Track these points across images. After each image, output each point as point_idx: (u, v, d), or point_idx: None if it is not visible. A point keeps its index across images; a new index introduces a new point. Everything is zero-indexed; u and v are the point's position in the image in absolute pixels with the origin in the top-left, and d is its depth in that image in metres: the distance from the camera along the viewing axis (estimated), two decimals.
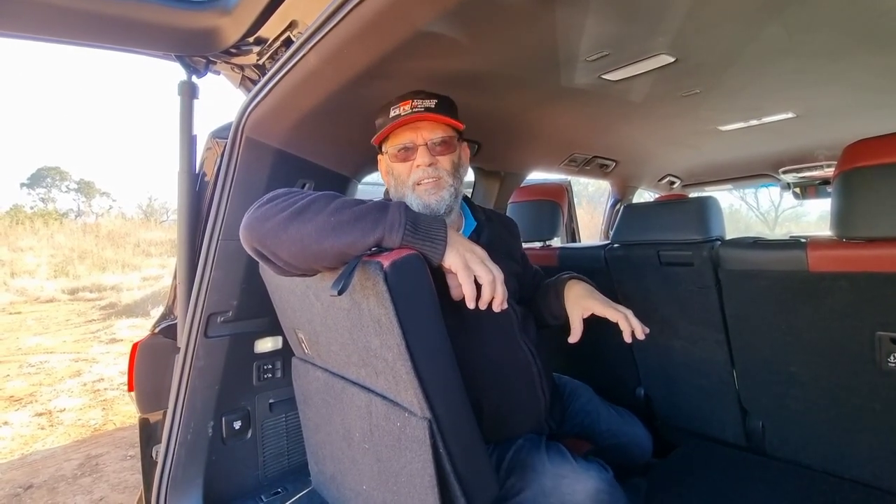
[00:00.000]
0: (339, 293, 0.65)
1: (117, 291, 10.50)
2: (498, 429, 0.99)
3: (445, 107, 0.99)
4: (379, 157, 1.08)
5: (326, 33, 0.71)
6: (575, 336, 1.04)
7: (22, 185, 24.16)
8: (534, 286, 1.25)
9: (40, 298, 10.54)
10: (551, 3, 0.78)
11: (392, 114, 0.97)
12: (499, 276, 0.78)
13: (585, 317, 1.05)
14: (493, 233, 1.13)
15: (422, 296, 0.73)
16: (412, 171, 0.98)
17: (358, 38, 0.72)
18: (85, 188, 25.02)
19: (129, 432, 3.59)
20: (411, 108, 0.95)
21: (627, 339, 0.97)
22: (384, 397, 0.82)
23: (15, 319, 8.62)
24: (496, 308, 0.77)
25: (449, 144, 1.00)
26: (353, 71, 0.84)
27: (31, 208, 21.39)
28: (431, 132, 0.98)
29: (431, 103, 0.97)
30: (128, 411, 4.05)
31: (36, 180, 24.24)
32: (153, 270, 12.72)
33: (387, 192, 1.12)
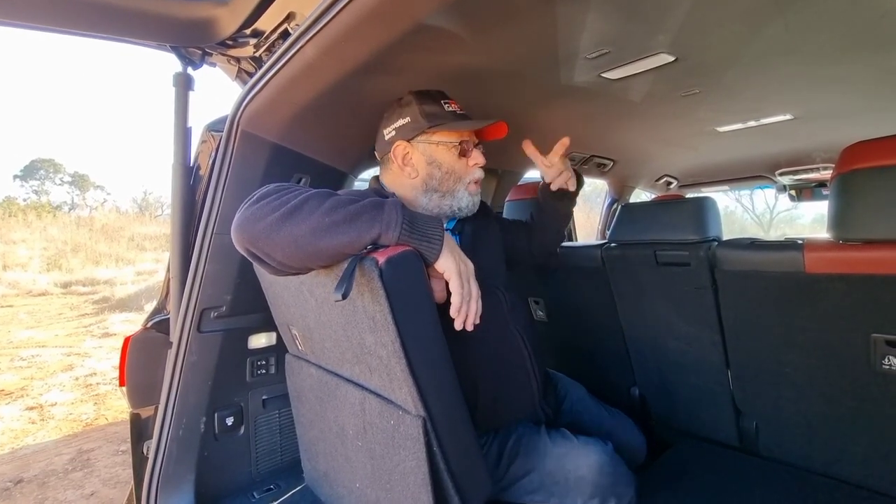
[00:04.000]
0: (344, 297, 0.64)
1: (111, 285, 10.44)
2: (495, 414, 1.00)
3: None
4: (404, 143, 1.00)
5: (324, 25, 0.70)
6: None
7: (15, 176, 24.00)
8: (525, 234, 1.36)
9: (32, 292, 10.47)
10: None
11: (447, 108, 0.99)
12: (478, 293, 0.79)
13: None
14: (476, 222, 1.14)
15: (417, 293, 0.72)
16: (471, 169, 1.02)
17: (356, 31, 0.71)
18: (79, 181, 24.84)
19: (121, 427, 3.57)
20: (459, 110, 1.01)
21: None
22: (378, 395, 0.81)
23: (7, 312, 8.56)
24: (469, 327, 0.78)
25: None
26: (351, 64, 0.83)
27: (24, 200, 21.24)
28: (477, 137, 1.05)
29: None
30: (120, 406, 4.02)
31: (29, 172, 24.04)
32: (147, 265, 12.66)
33: (374, 182, 1.09)
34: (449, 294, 0.76)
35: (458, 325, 0.77)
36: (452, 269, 0.75)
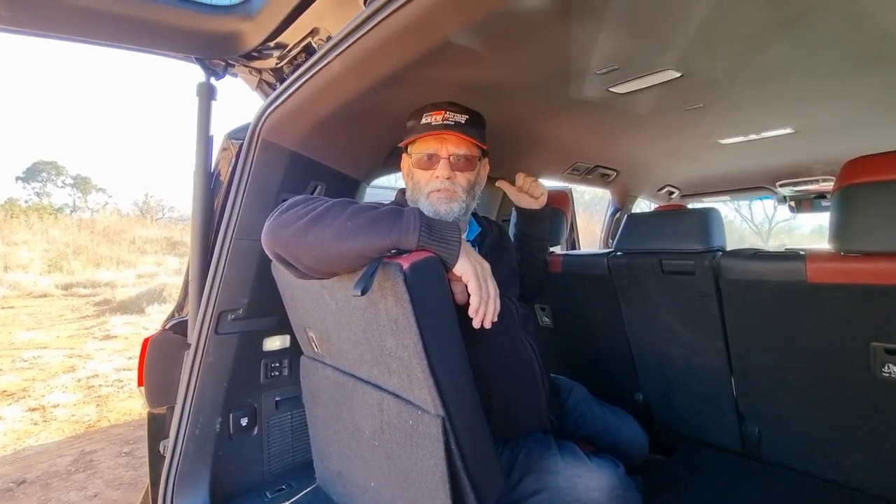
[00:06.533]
0: (363, 293, 0.67)
1: (112, 288, 10.43)
2: (506, 424, 1.02)
3: (475, 124, 1.04)
4: (403, 155, 1.12)
5: (354, 41, 0.74)
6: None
7: (17, 178, 24.03)
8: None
9: (34, 293, 10.46)
10: (568, 18, 0.81)
11: (424, 120, 1.01)
12: (497, 292, 0.82)
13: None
14: (494, 235, 1.21)
15: (439, 297, 0.75)
16: (431, 180, 1.03)
17: (384, 48, 0.75)
18: (81, 183, 24.90)
19: (123, 429, 3.57)
20: (443, 119, 1.00)
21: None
22: (396, 395, 0.84)
23: (8, 314, 8.55)
24: (487, 325, 0.81)
25: (470, 162, 1.05)
26: (375, 78, 0.87)
27: (26, 202, 21.29)
28: (456, 147, 1.03)
29: (462, 118, 1.01)
30: (122, 408, 4.03)
31: (31, 174, 24.10)
32: (149, 268, 12.66)
33: (399, 194, 1.15)
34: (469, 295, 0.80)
35: (476, 324, 0.80)
36: (470, 272, 0.78)
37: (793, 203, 3.05)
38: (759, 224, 25.27)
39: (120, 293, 9.72)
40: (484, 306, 0.80)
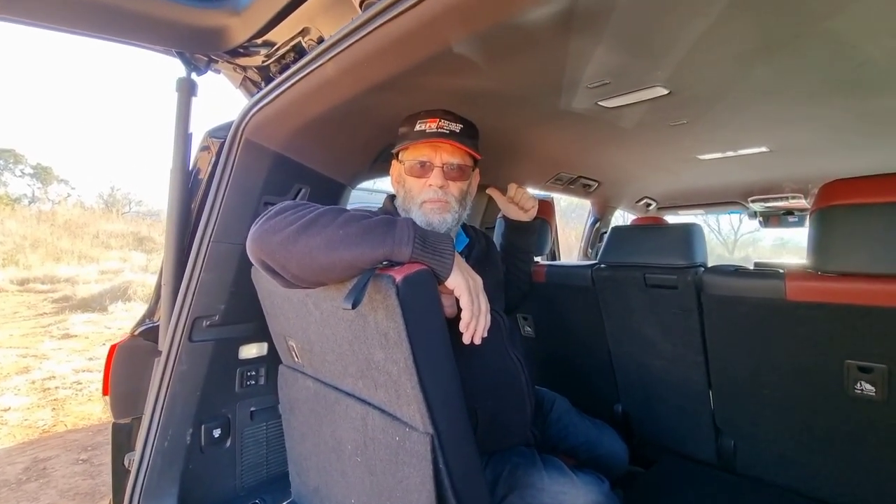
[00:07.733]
0: (353, 307, 0.65)
1: (72, 284, 9.94)
2: (491, 438, 1.01)
3: (469, 134, 1.04)
4: (393, 162, 1.10)
5: (349, 45, 0.71)
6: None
7: None
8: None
9: None
10: (567, 32, 0.81)
11: (417, 127, 0.99)
12: (488, 307, 0.81)
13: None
14: (481, 246, 1.20)
15: (431, 311, 0.73)
16: (424, 188, 1.01)
17: (380, 53, 0.73)
18: (41, 174, 23.67)
19: (81, 434, 3.40)
20: (437, 128, 0.98)
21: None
22: (382, 410, 0.81)
23: None
24: (477, 340, 0.80)
25: (463, 171, 1.04)
26: (368, 83, 0.85)
27: None
28: (450, 156, 1.01)
29: (457, 127, 1.00)
30: (81, 412, 3.83)
31: None
32: (113, 264, 12.14)
33: (387, 201, 1.13)
34: (459, 310, 0.78)
35: (466, 340, 0.78)
36: (462, 286, 0.76)
37: (762, 218, 3.17)
38: (726, 235, 26.30)
39: (81, 290, 9.28)
40: (475, 321, 0.78)
